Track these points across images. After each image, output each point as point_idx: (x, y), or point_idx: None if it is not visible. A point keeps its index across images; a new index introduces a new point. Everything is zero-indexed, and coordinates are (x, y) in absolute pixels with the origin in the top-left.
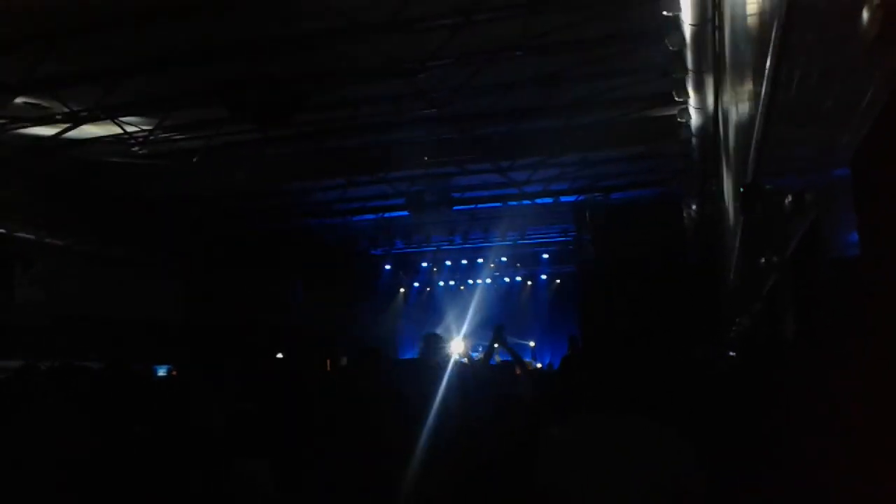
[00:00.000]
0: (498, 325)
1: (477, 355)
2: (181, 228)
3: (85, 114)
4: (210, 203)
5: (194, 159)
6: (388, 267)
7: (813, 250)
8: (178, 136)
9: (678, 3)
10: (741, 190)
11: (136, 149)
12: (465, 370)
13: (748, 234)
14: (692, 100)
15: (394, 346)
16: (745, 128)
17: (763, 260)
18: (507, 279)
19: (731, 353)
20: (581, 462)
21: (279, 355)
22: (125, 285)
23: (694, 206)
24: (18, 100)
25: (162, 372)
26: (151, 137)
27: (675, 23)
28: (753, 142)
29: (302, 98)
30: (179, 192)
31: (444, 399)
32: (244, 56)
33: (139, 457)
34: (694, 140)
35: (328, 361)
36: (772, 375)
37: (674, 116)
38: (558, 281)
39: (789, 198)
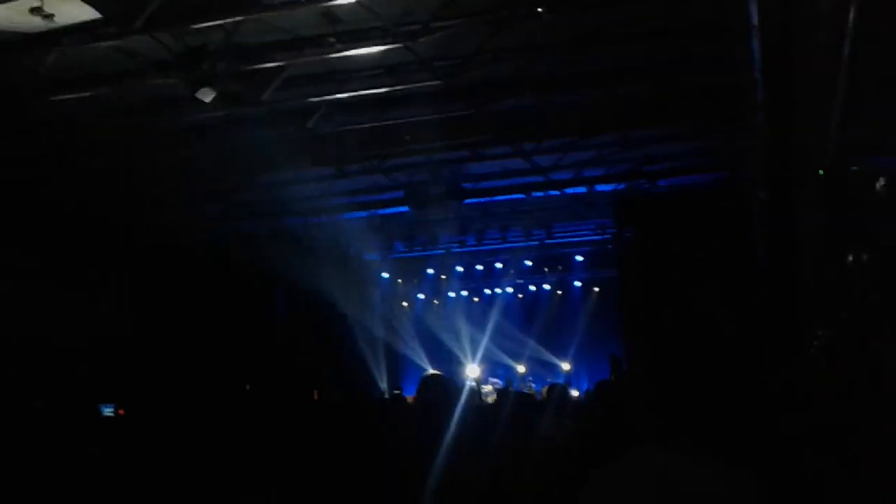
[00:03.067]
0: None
1: (494, 382)
2: (124, 234)
3: None
4: (161, 201)
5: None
6: (385, 275)
7: None
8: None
9: None
10: (821, 172)
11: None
12: (480, 405)
13: (830, 228)
14: (758, 62)
15: (394, 374)
16: (824, 94)
17: (850, 258)
18: (532, 287)
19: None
20: None
21: (247, 387)
22: (54, 306)
23: (763, 195)
24: None
25: (108, 411)
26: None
27: None
28: (835, 111)
29: (276, 69)
30: (121, 186)
31: (456, 445)
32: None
33: None
34: (761, 111)
35: (315, 392)
36: (864, 406)
37: (736, 83)
38: (596, 289)
39: (881, 181)
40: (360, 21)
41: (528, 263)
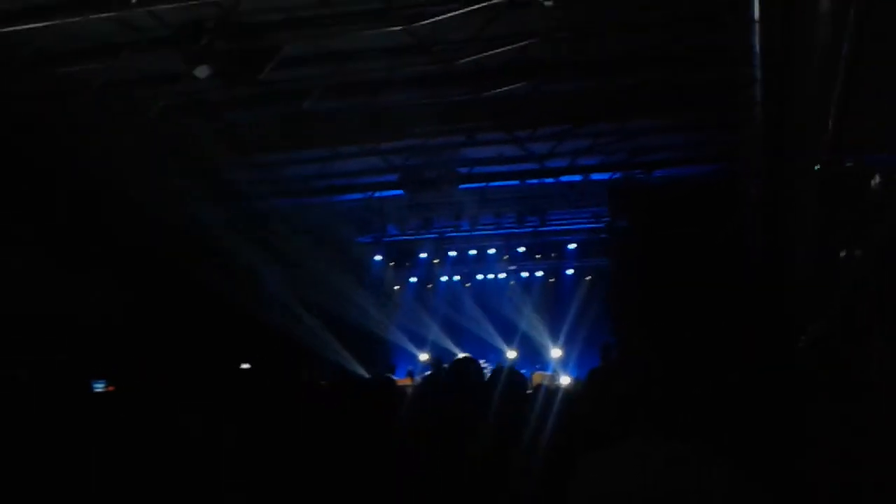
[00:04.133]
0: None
1: (485, 366)
2: (115, 212)
3: None
4: (154, 178)
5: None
6: (378, 258)
7: None
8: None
9: None
10: (816, 168)
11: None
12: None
13: (824, 224)
14: (758, 57)
15: (385, 355)
16: (821, 90)
17: (843, 254)
18: (524, 274)
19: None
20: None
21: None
22: (46, 279)
23: (755, 188)
24: None
25: (99, 387)
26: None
27: None
28: (832, 107)
29: (274, 48)
30: (110, 165)
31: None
32: None
33: None
34: (757, 105)
35: (304, 373)
36: (853, 403)
37: (732, 75)
38: (588, 277)
39: (877, 178)
40: (358, 3)
41: (521, 250)
